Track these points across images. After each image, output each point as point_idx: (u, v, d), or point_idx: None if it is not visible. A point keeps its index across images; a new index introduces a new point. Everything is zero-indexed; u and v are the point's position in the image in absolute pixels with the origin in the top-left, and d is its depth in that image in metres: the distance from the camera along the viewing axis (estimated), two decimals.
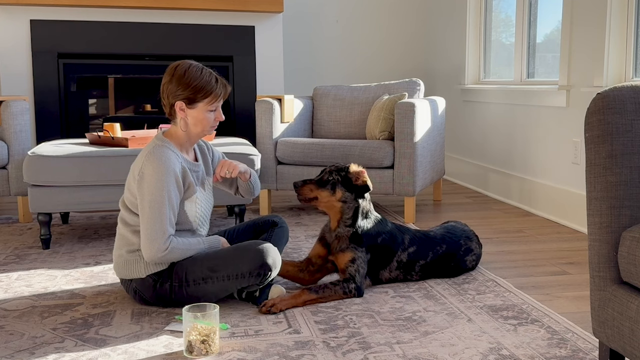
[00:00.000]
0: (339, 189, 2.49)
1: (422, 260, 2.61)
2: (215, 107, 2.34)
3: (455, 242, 2.69)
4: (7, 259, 2.98)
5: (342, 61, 5.71)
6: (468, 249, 2.72)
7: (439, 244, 2.65)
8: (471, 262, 2.74)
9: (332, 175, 2.51)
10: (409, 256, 2.59)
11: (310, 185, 2.51)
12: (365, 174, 2.52)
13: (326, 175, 2.52)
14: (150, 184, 2.21)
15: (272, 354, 1.95)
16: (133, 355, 1.95)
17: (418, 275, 2.63)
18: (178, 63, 2.31)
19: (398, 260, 2.58)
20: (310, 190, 2.50)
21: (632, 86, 1.61)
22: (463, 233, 2.75)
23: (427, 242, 2.64)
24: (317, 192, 2.50)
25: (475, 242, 2.78)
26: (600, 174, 1.60)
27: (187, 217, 2.32)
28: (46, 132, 4.64)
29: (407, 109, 3.61)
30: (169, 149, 2.28)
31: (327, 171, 2.53)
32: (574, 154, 3.59)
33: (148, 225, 2.21)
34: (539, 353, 1.94)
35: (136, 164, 2.28)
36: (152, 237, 2.20)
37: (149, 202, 2.21)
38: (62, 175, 3.09)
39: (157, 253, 2.21)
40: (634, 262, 1.49)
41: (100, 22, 4.69)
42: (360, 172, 2.51)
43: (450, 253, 2.67)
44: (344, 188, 2.50)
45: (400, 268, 2.59)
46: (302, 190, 2.50)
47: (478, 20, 4.98)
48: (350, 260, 2.46)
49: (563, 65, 3.66)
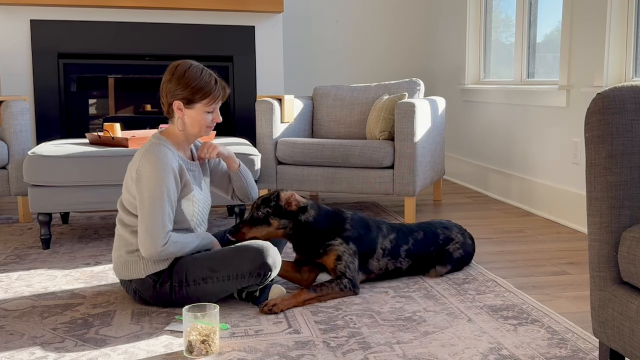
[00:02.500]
0: (272, 220, 2.47)
1: (404, 245, 2.65)
2: (213, 109, 2.34)
3: (431, 231, 2.74)
4: (7, 259, 2.98)
5: (342, 61, 5.71)
6: (447, 238, 2.75)
7: (416, 231, 2.71)
8: (456, 250, 2.75)
9: (261, 209, 2.47)
10: (391, 242, 2.62)
11: (244, 228, 2.46)
12: (296, 196, 2.49)
13: (255, 212, 2.47)
14: (149, 180, 2.21)
15: (272, 354, 1.95)
16: (133, 355, 1.95)
17: (407, 262, 2.65)
18: (179, 62, 2.31)
19: (382, 248, 2.60)
20: (245, 234, 2.46)
21: (632, 86, 1.61)
22: (440, 224, 2.80)
23: (404, 229, 2.70)
24: (253, 231, 2.46)
25: (457, 232, 2.79)
26: (600, 174, 1.60)
27: (184, 216, 2.32)
28: (46, 132, 4.64)
29: (407, 109, 3.61)
30: (165, 146, 2.28)
31: (255, 206, 2.49)
32: (574, 154, 3.60)
33: (148, 220, 2.21)
34: (539, 353, 1.94)
35: (133, 163, 2.28)
36: (152, 232, 2.20)
37: (148, 199, 2.21)
38: (62, 175, 3.09)
39: (156, 248, 2.21)
40: (634, 262, 1.49)
41: (100, 22, 4.69)
42: (290, 197, 2.47)
43: (429, 240, 2.70)
44: (277, 217, 2.47)
45: (387, 255, 2.61)
46: (238, 236, 2.45)
47: (478, 20, 4.98)
48: (336, 259, 2.48)
49: (563, 65, 3.66)
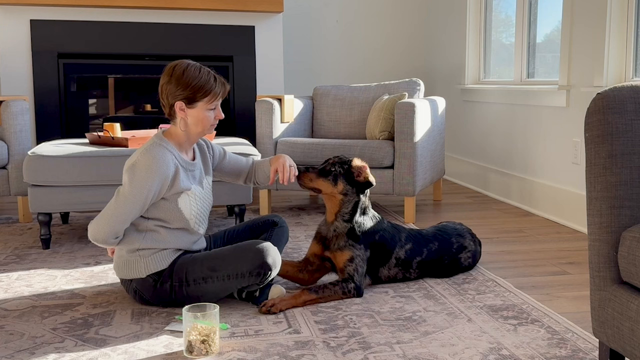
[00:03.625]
0: (340, 181, 2.48)
1: (418, 257, 2.62)
2: (215, 106, 2.34)
3: (446, 240, 2.70)
4: (7, 259, 2.98)
5: (342, 61, 5.71)
6: (461, 246, 2.72)
7: (432, 241, 2.67)
8: (466, 259, 2.74)
9: (335, 167, 2.49)
10: (406, 253, 2.60)
11: (311, 174, 2.50)
12: (368, 170, 2.51)
13: (329, 166, 2.50)
14: (138, 176, 2.21)
15: (272, 354, 1.95)
16: (133, 355, 1.95)
17: (416, 273, 2.64)
18: (176, 63, 2.30)
19: (396, 258, 2.58)
20: (310, 180, 2.49)
21: (632, 86, 1.61)
22: (455, 231, 2.76)
23: (420, 239, 2.65)
24: (318, 181, 2.49)
25: (469, 239, 2.77)
26: (600, 174, 1.60)
27: (182, 214, 2.31)
28: (46, 132, 4.64)
29: (407, 109, 3.61)
30: (166, 148, 2.28)
31: (330, 162, 2.51)
32: (574, 154, 3.59)
33: (115, 211, 2.23)
34: (539, 353, 1.94)
35: (131, 158, 2.29)
36: (111, 222, 2.22)
37: (129, 192, 2.22)
38: (62, 175, 3.09)
39: (105, 238, 2.24)
40: (634, 262, 1.49)
41: (100, 22, 4.69)
42: (362, 168, 2.50)
43: (443, 249, 2.67)
44: (346, 181, 2.49)
45: (399, 265, 2.59)
46: (303, 177, 2.49)
47: (478, 20, 4.98)
48: (348, 260, 2.45)
49: (563, 65, 3.66)
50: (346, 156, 2.56)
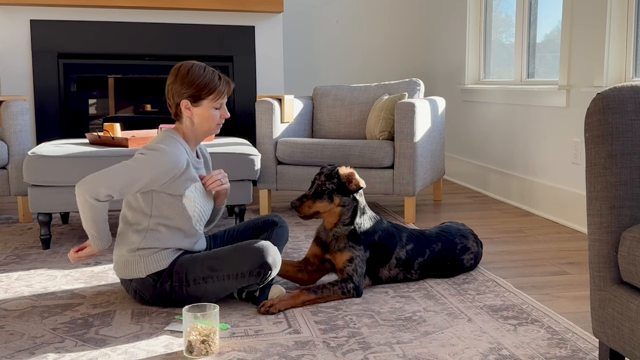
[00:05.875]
0: (335, 196, 2.49)
1: (419, 257, 2.61)
2: (220, 104, 2.36)
3: (450, 241, 2.69)
4: (7, 259, 2.98)
5: (342, 61, 5.71)
6: (464, 247, 2.72)
7: (435, 242, 2.66)
8: (469, 261, 2.74)
9: (326, 184, 2.49)
10: (407, 254, 2.59)
11: (308, 202, 2.49)
12: (356, 175, 2.51)
13: (319, 186, 2.50)
14: (149, 160, 2.23)
15: (272, 354, 1.95)
16: (133, 355, 1.95)
17: (417, 274, 2.63)
18: (181, 64, 2.35)
19: (397, 258, 2.58)
20: (309, 207, 2.48)
21: (632, 86, 1.61)
22: (458, 232, 2.75)
23: (423, 240, 2.64)
24: (316, 205, 2.49)
25: (472, 240, 2.77)
26: (600, 174, 1.60)
27: (185, 211, 2.31)
28: (46, 132, 4.64)
29: (407, 109, 3.61)
30: (180, 144, 2.31)
31: (319, 182, 2.51)
32: (574, 154, 3.60)
33: (112, 173, 2.21)
34: (539, 353, 1.94)
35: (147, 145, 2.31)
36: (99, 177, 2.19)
37: (133, 165, 2.22)
38: (62, 175, 3.09)
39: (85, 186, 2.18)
40: (634, 262, 1.49)
41: (100, 22, 4.69)
42: (351, 175, 2.50)
43: (446, 250, 2.67)
44: (340, 194, 2.49)
45: (400, 266, 2.59)
46: (301, 209, 2.48)
47: (478, 20, 4.98)
48: (347, 260, 2.46)
49: (563, 65, 3.66)
50: (329, 167, 2.55)
